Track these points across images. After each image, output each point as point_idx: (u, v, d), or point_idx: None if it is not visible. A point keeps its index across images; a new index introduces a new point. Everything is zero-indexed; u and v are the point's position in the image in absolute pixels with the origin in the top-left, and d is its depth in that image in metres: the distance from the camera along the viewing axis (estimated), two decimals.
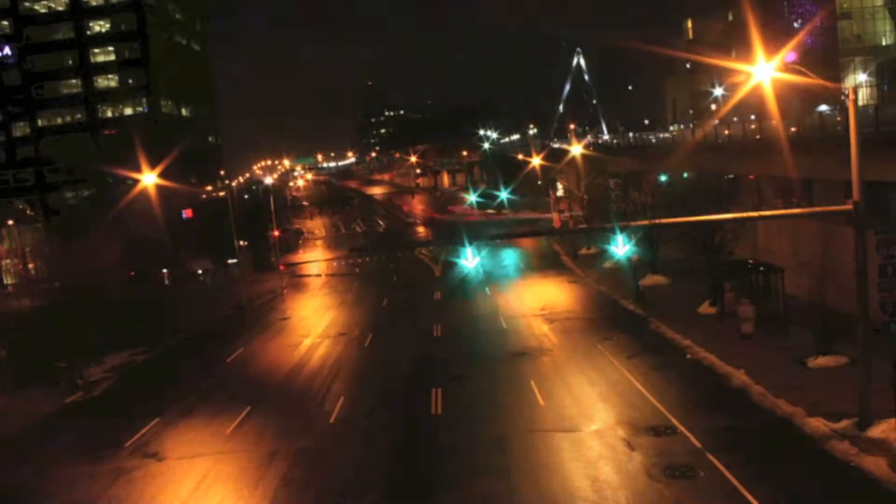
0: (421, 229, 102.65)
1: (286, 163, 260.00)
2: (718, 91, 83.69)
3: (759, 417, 22.76)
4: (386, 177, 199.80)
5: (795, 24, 76.53)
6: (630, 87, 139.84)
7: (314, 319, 47.67)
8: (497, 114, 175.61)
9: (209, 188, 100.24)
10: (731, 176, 47.61)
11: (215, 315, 51.80)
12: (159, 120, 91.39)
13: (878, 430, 19.72)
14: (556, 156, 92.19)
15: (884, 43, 74.96)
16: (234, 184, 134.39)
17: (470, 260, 24.63)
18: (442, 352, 35.78)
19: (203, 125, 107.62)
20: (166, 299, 54.42)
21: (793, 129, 39.65)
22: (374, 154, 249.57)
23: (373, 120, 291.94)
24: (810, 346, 26.80)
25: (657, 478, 19.29)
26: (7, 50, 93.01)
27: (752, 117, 54.25)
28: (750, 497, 17.54)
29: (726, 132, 49.68)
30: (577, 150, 63.99)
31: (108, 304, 40.08)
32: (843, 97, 44.60)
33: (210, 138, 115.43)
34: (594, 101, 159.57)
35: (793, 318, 31.01)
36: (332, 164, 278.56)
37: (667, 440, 21.55)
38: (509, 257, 65.00)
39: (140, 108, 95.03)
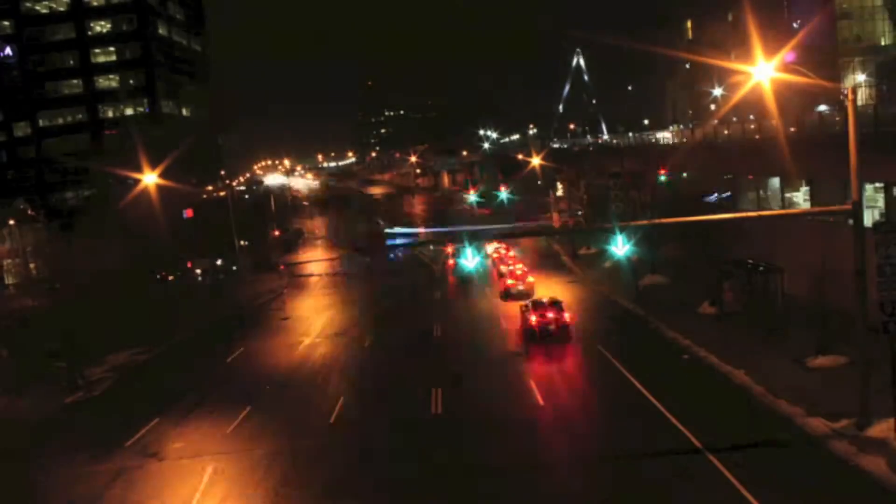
0: (422, 229, 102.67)
1: (286, 163, 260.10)
2: (718, 91, 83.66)
3: (758, 417, 22.77)
4: (386, 177, 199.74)
5: (795, 25, 76.50)
6: (630, 87, 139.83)
7: (314, 319, 47.68)
8: (497, 114, 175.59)
9: (209, 188, 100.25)
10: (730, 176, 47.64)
11: (215, 315, 51.80)
12: (159, 120, 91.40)
13: (877, 430, 19.73)
14: (556, 156, 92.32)
15: (883, 43, 74.92)
16: (234, 183, 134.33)
17: (470, 259, 24.65)
18: (442, 351, 35.79)
19: (203, 125, 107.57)
20: (166, 299, 54.31)
21: (792, 129, 39.67)
22: (374, 154, 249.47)
23: (373, 120, 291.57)
24: (810, 346, 26.82)
25: (657, 478, 19.32)
26: (7, 50, 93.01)
27: (752, 117, 54.26)
28: (750, 497, 17.56)
29: (726, 132, 49.71)
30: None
31: (108, 303, 40.09)
32: (842, 97, 44.57)
33: (210, 138, 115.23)
34: (594, 101, 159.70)
35: (793, 317, 31.04)
36: (333, 164, 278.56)
37: (667, 440, 21.56)
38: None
39: (140, 108, 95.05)
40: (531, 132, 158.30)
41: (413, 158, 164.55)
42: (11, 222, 65.52)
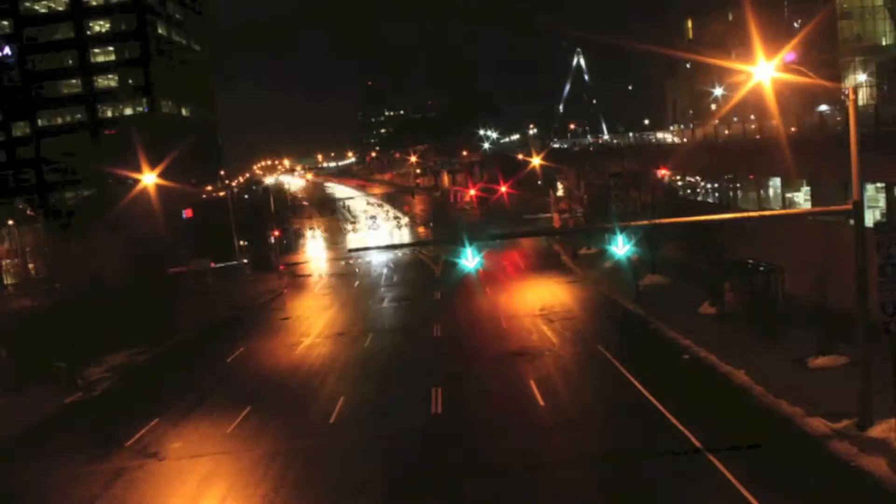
0: (421, 229, 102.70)
1: (286, 163, 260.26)
2: (718, 91, 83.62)
3: (759, 417, 22.73)
4: (386, 177, 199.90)
5: (796, 24, 76.45)
6: (630, 87, 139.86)
7: (314, 319, 47.67)
8: (497, 114, 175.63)
9: (209, 188, 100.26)
10: (731, 176, 47.64)
11: (215, 315, 51.77)
12: (159, 120, 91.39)
13: (878, 430, 19.70)
14: (556, 156, 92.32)
15: (884, 43, 74.84)
16: (233, 184, 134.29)
17: (470, 260, 24.62)
18: (442, 351, 35.77)
19: (203, 125, 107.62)
20: (166, 299, 54.30)
21: (793, 129, 39.64)
22: (374, 154, 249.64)
23: (373, 120, 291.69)
24: (810, 346, 26.78)
25: (657, 478, 19.28)
26: (7, 50, 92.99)
27: (752, 117, 54.25)
28: (750, 497, 17.52)
29: (726, 132, 49.66)
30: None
31: (108, 303, 40.06)
32: (843, 97, 44.55)
33: (210, 138, 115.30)
34: (594, 101, 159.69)
35: (793, 317, 31.00)
36: (332, 164, 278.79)
37: (667, 440, 21.53)
38: (509, 257, 64.98)
39: (140, 108, 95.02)
40: (531, 132, 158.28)
41: (413, 158, 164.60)
42: (11, 222, 65.56)
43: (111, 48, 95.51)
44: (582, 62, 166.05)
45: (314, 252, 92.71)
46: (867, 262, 19.98)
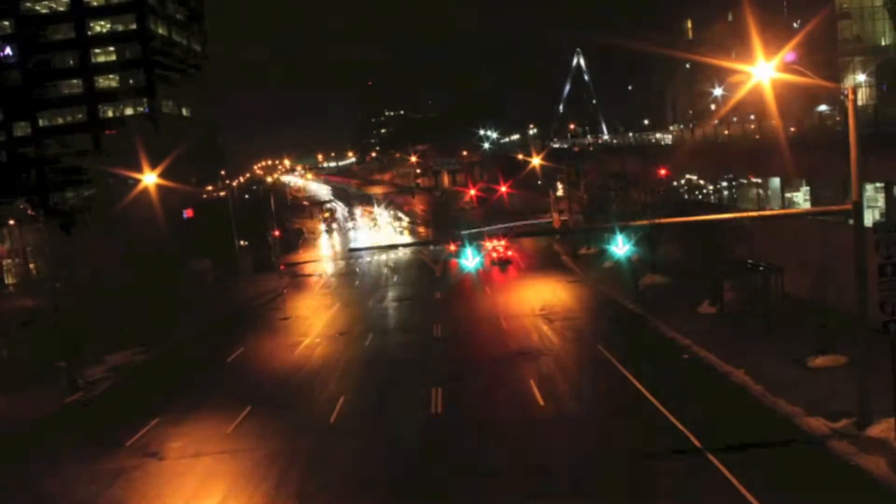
0: (421, 229, 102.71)
1: (286, 163, 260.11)
2: (718, 91, 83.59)
3: (758, 417, 22.76)
4: (386, 177, 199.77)
5: (795, 24, 76.41)
6: (630, 88, 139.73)
7: (314, 319, 47.69)
8: (497, 114, 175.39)
9: (210, 188, 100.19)
10: (730, 176, 47.67)
11: (215, 315, 51.79)
12: (160, 120, 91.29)
13: (877, 430, 19.72)
14: (556, 156, 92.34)
15: (883, 43, 74.83)
16: (234, 184, 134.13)
17: (470, 260, 24.69)
18: (442, 351, 35.80)
19: (203, 125, 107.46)
20: (166, 299, 54.28)
21: (792, 129, 39.67)
22: (374, 154, 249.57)
23: (373, 120, 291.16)
24: (810, 346, 26.79)
25: (658, 478, 19.30)
26: (7, 50, 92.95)
27: (752, 117, 54.28)
28: (750, 497, 17.53)
29: (726, 132, 49.70)
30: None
31: (108, 303, 40.07)
32: (842, 97, 44.54)
33: (210, 138, 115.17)
34: (594, 101, 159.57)
35: (792, 317, 31.02)
36: (333, 164, 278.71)
37: (667, 440, 21.55)
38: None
39: (140, 108, 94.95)
40: (531, 132, 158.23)
41: (413, 158, 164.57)
42: (11, 222, 65.48)
43: (112, 48, 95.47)
44: (582, 62, 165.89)
45: (314, 252, 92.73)
46: (867, 262, 20.00)
